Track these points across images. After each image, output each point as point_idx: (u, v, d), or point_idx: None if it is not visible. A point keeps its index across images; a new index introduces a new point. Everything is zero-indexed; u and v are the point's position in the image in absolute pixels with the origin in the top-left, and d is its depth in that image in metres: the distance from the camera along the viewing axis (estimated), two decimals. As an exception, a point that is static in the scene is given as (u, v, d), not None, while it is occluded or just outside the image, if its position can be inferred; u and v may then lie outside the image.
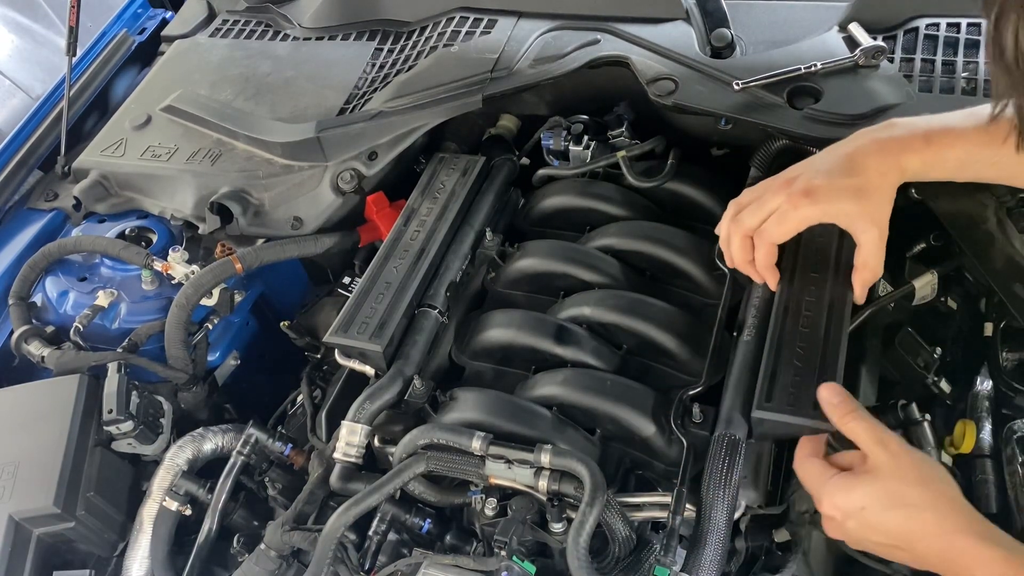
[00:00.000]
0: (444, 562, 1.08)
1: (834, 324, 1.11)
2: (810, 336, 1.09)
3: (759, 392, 1.06)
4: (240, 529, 1.36)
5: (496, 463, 1.11)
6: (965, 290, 1.41)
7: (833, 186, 1.05)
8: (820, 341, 1.09)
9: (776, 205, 1.08)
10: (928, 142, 1.06)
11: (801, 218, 1.07)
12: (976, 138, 1.04)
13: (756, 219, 1.11)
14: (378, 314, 1.29)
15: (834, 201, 1.06)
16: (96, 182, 1.69)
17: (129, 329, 1.53)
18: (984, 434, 1.28)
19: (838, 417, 0.99)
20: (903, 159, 1.06)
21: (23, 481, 1.32)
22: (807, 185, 1.06)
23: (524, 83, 1.52)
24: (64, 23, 2.10)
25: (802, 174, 1.09)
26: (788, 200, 1.07)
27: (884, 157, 1.06)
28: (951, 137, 1.05)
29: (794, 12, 1.54)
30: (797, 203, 1.06)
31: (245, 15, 1.99)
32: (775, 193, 1.09)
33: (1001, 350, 1.32)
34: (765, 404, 1.05)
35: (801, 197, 1.06)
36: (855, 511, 0.95)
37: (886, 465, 0.94)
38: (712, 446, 1.06)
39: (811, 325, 1.11)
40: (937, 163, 1.06)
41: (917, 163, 1.07)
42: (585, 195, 1.47)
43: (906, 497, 0.93)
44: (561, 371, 1.24)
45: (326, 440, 1.33)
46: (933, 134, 1.06)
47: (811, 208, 1.06)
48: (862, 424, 0.97)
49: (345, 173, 1.56)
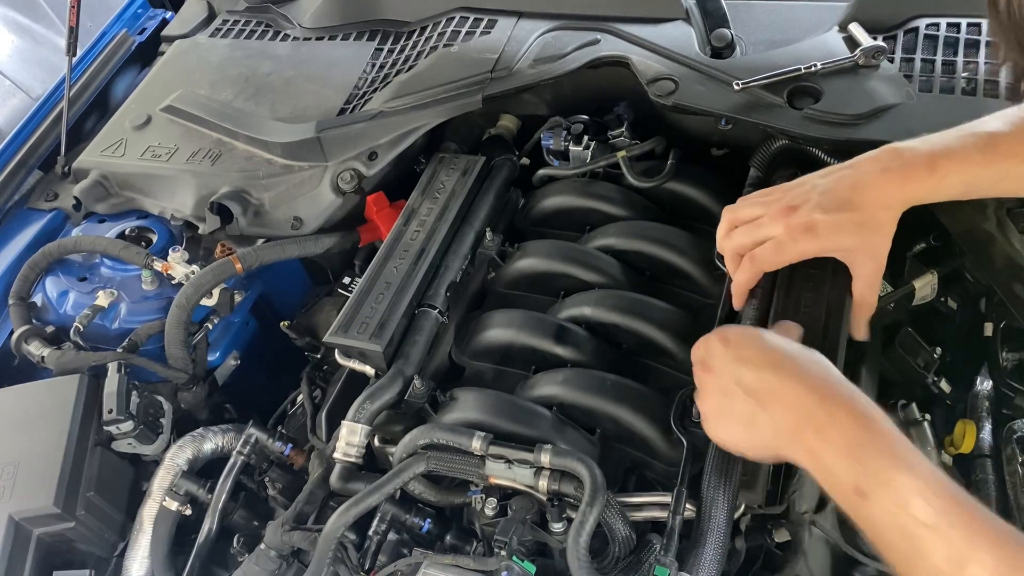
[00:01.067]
0: (444, 562, 1.08)
1: (832, 324, 1.11)
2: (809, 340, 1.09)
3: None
4: (240, 529, 1.36)
5: (496, 463, 1.11)
6: (965, 290, 1.41)
7: (835, 222, 1.04)
8: (819, 340, 1.09)
9: (773, 233, 1.08)
10: (932, 170, 1.04)
11: (799, 252, 1.07)
12: (979, 159, 1.03)
13: (750, 241, 1.10)
14: (378, 314, 1.29)
15: (834, 237, 1.05)
16: (96, 182, 1.69)
17: (129, 329, 1.53)
18: (984, 434, 1.28)
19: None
20: (907, 190, 1.05)
21: (23, 481, 1.32)
22: (808, 220, 1.05)
23: (524, 83, 1.52)
24: (64, 23, 2.10)
25: (803, 205, 1.07)
26: (787, 232, 1.06)
27: (888, 189, 1.05)
28: (954, 162, 1.04)
29: (794, 12, 1.54)
30: (796, 237, 1.06)
31: (245, 15, 1.99)
32: (773, 221, 1.08)
33: (1001, 350, 1.32)
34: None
35: (801, 232, 1.05)
36: (716, 362, 0.98)
37: (762, 335, 0.99)
38: (711, 444, 1.05)
39: (810, 326, 1.11)
40: (941, 189, 1.05)
41: (921, 192, 1.06)
42: (585, 195, 1.47)
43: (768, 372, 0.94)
44: (561, 371, 1.24)
45: (326, 440, 1.33)
46: (937, 160, 1.04)
47: (811, 243, 1.06)
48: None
49: (345, 173, 1.56)
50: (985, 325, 1.36)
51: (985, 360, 1.35)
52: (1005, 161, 1.02)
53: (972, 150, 1.04)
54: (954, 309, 1.40)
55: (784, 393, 0.92)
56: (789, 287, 1.16)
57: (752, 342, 0.98)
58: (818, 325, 1.11)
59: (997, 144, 1.02)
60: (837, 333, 1.10)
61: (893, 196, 1.05)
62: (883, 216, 1.06)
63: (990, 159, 1.03)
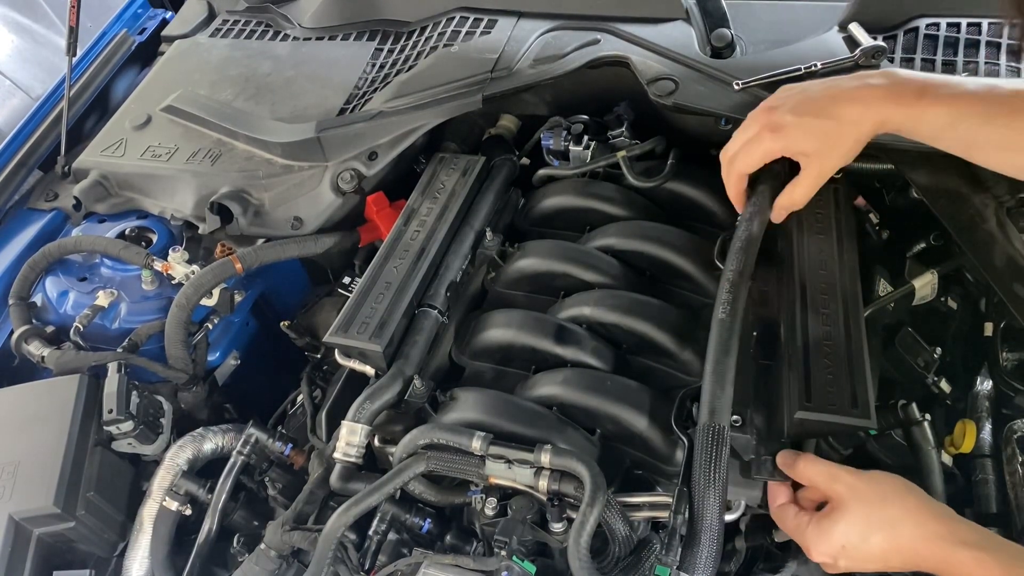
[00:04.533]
0: (444, 562, 1.08)
1: (852, 319, 1.12)
2: (832, 333, 1.10)
3: (795, 393, 1.06)
4: (240, 529, 1.36)
5: (496, 463, 1.11)
6: (965, 290, 1.41)
7: (801, 125, 1.08)
8: (842, 338, 1.11)
9: (751, 134, 1.12)
10: (920, 96, 1.04)
11: (764, 151, 1.11)
12: (970, 98, 1.03)
13: (733, 148, 1.15)
14: (378, 314, 1.29)
15: (797, 139, 1.09)
16: (96, 182, 1.69)
17: (129, 329, 1.53)
18: (984, 434, 1.28)
19: (790, 471, 1.05)
20: (885, 110, 1.06)
21: (23, 481, 1.32)
22: (779, 120, 1.09)
23: (524, 83, 1.52)
24: (64, 23, 2.09)
25: (782, 105, 1.11)
26: (758, 132, 1.11)
27: (865, 106, 1.06)
28: (944, 94, 1.04)
29: (794, 12, 1.54)
30: (763, 136, 1.10)
31: (245, 15, 1.99)
32: (754, 120, 1.13)
33: (1001, 350, 1.32)
34: (806, 404, 1.05)
35: (769, 131, 1.09)
36: (840, 551, 0.99)
37: (846, 497, 0.99)
38: (698, 437, 1.03)
39: (831, 322, 1.12)
40: (924, 119, 1.05)
41: (901, 117, 1.06)
42: (585, 195, 1.47)
43: (877, 519, 0.96)
44: (561, 371, 1.24)
45: (326, 440, 1.33)
46: (928, 89, 1.05)
47: (774, 143, 1.10)
48: (813, 468, 1.03)
49: (345, 173, 1.56)
50: (985, 325, 1.36)
51: (985, 360, 1.35)
52: (993, 105, 1.01)
53: (966, 89, 1.03)
54: (954, 309, 1.40)
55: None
56: (803, 281, 1.17)
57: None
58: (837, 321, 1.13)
59: (992, 90, 1.02)
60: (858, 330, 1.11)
61: (870, 113, 1.06)
62: (849, 130, 1.07)
63: (980, 100, 1.02)
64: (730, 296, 1.10)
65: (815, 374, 1.08)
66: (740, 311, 1.09)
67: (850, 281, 1.17)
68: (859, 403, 1.04)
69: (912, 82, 1.06)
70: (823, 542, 0.99)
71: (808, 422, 1.05)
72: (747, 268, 1.12)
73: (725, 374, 1.05)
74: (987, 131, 1.03)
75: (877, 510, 0.97)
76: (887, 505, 0.97)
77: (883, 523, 0.96)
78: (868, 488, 0.98)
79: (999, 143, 1.03)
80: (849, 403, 1.04)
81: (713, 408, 1.03)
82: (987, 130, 1.03)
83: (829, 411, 1.04)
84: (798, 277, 1.19)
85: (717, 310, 1.10)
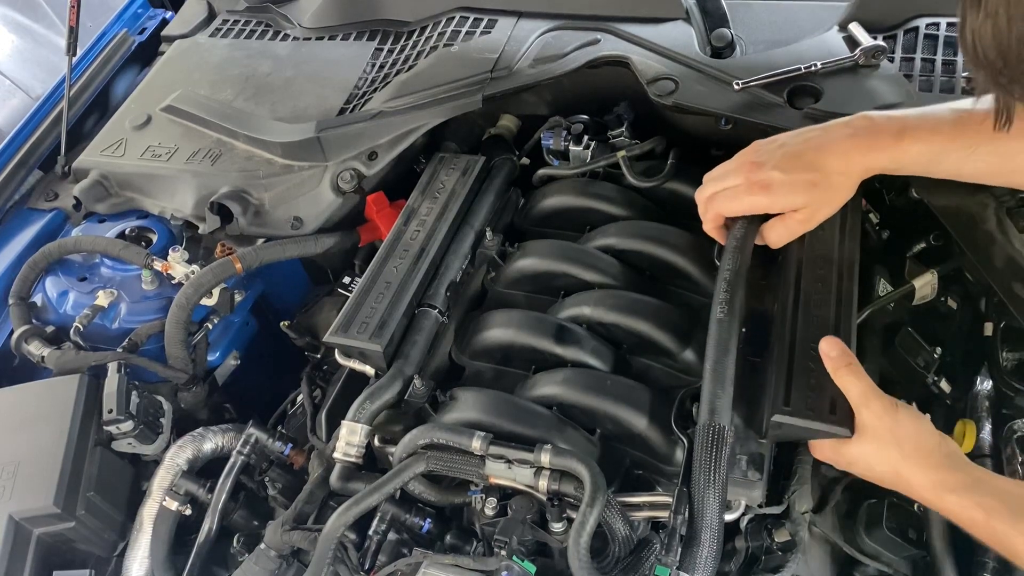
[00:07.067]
0: (444, 562, 1.08)
1: (843, 323, 1.12)
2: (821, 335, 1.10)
3: (776, 394, 1.06)
4: (240, 529, 1.36)
5: (496, 463, 1.11)
6: (965, 290, 1.41)
7: (790, 182, 1.10)
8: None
9: (735, 183, 1.14)
10: (899, 138, 1.07)
11: (751, 204, 1.14)
12: (948, 131, 1.05)
13: (711, 189, 1.18)
14: (378, 314, 1.29)
15: (787, 195, 1.11)
16: (96, 182, 1.69)
17: (129, 329, 1.53)
18: (984, 434, 1.28)
19: (833, 369, 1.05)
20: (869, 157, 1.09)
21: (23, 481, 1.32)
22: (767, 178, 1.11)
23: (524, 83, 1.52)
24: (64, 23, 2.10)
25: (767, 162, 1.12)
26: (746, 185, 1.13)
27: (849, 157, 1.09)
28: (923, 131, 1.06)
29: (794, 12, 1.54)
30: (753, 191, 1.12)
31: (245, 15, 1.99)
32: (737, 173, 1.15)
33: (1001, 350, 1.32)
34: (784, 408, 1.05)
35: (759, 188, 1.12)
36: (847, 466, 1.07)
37: (867, 427, 1.02)
38: (698, 436, 1.03)
39: (820, 324, 1.12)
40: (906, 159, 1.08)
41: (885, 160, 1.09)
42: (585, 195, 1.47)
43: (885, 457, 1.02)
44: (561, 371, 1.24)
45: (326, 440, 1.33)
46: (906, 128, 1.07)
47: (763, 199, 1.12)
48: (853, 381, 1.04)
49: (345, 173, 1.56)
50: (985, 325, 1.36)
51: (985, 360, 1.35)
52: (973, 136, 1.03)
53: (943, 123, 1.05)
54: (954, 309, 1.39)
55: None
56: (796, 285, 1.17)
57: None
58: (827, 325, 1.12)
59: (969, 119, 1.03)
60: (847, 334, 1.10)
61: (855, 162, 1.09)
62: (839, 180, 1.10)
63: (959, 132, 1.04)
64: (727, 295, 1.10)
65: (798, 377, 1.07)
66: (738, 310, 1.09)
67: (847, 282, 1.17)
68: (838, 409, 1.04)
69: (890, 124, 1.08)
70: (832, 452, 1.07)
71: (785, 425, 1.05)
72: (743, 267, 1.12)
73: (724, 374, 1.06)
74: (973, 162, 1.06)
75: (888, 450, 1.02)
76: (898, 447, 1.01)
77: (889, 461, 1.02)
78: (888, 430, 1.02)
79: (987, 172, 1.07)
80: (828, 409, 1.04)
81: (713, 408, 1.04)
82: (973, 161, 1.06)
83: (807, 416, 1.04)
84: (794, 275, 1.18)
85: (715, 310, 1.10)
